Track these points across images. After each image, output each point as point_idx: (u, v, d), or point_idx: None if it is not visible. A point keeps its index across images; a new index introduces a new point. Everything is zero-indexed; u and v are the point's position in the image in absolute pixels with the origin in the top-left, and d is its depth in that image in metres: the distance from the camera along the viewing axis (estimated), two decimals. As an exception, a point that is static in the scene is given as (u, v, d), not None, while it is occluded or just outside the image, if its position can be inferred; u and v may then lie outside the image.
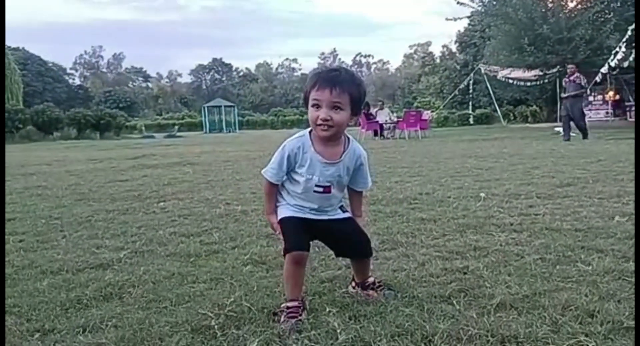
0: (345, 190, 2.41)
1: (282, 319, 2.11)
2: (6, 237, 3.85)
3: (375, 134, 19.34)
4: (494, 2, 22.74)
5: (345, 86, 2.11)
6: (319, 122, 2.12)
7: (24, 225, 4.29)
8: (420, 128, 18.54)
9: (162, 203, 5.22)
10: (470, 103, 35.18)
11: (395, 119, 19.94)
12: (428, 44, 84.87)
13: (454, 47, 55.41)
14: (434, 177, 6.68)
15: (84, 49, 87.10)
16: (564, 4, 22.26)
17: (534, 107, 37.08)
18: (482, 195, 5.04)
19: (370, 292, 2.39)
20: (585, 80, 14.59)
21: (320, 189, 2.27)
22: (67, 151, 16.22)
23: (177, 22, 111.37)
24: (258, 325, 2.09)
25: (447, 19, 24.36)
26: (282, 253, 2.25)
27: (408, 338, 1.91)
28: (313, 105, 2.13)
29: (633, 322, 1.98)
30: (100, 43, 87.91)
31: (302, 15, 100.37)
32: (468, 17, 30.27)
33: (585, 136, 13.78)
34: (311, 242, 2.31)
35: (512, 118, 36.72)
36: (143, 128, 39.37)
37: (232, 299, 2.33)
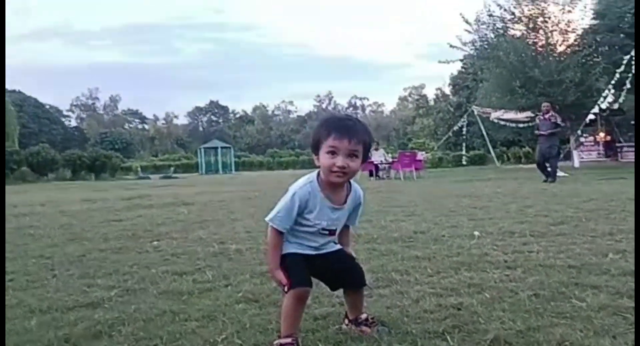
0: None
1: None
2: (-4, 276, 3.81)
3: (371, 175, 19.44)
4: (486, 46, 23.23)
5: (360, 136, 2.19)
6: (335, 169, 2.16)
7: (14, 265, 4.24)
8: (415, 169, 18.66)
9: (155, 243, 5.19)
10: (464, 144, 35.51)
11: (390, 160, 20.07)
12: (422, 86, 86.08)
13: (447, 90, 56.35)
14: (429, 216, 6.68)
15: (81, 91, 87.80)
16: (553, 47, 22.77)
17: (527, 148, 37.41)
18: (476, 233, 5.04)
19: (364, 328, 2.37)
20: (561, 119, 14.43)
21: (326, 232, 2.31)
22: (62, 192, 16.18)
23: (173, 65, 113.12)
24: (249, 362, 2.06)
25: (439, 62, 24.68)
26: (284, 290, 2.23)
27: (401, 374, 1.88)
28: (328, 152, 2.17)
29: (628, 357, 1.96)
30: (97, 85, 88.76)
31: (298, 58, 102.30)
32: (460, 60, 30.85)
33: (553, 179, 13.11)
34: None
35: (505, 159, 37.01)
36: (139, 169, 39.39)
37: (223, 336, 2.31)
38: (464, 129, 33.10)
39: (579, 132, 23.51)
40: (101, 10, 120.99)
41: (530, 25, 22.69)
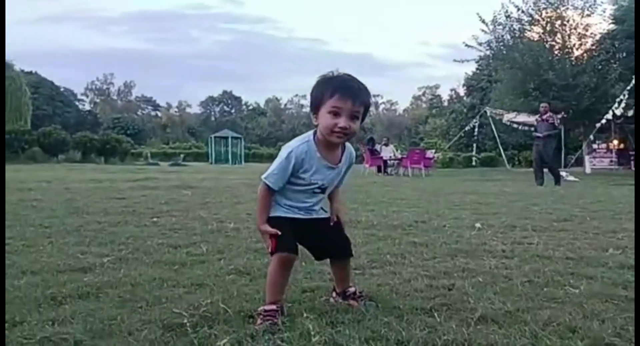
0: None
1: (258, 321, 2.08)
2: (-7, 240, 3.82)
3: (379, 170, 19.37)
4: (502, 47, 23.01)
5: (363, 98, 2.18)
6: (337, 129, 2.14)
7: (12, 232, 4.25)
8: (424, 167, 18.55)
9: (155, 219, 5.19)
10: (475, 145, 35.29)
11: (400, 156, 19.97)
12: (436, 86, 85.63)
13: (461, 91, 56.07)
14: (432, 208, 6.64)
15: (96, 75, 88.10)
16: (570, 51, 22.54)
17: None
18: (478, 225, 5.00)
19: (351, 302, 2.35)
20: (559, 120, 13.91)
21: (319, 190, 2.30)
22: (69, 172, 16.26)
23: (189, 54, 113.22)
24: (232, 325, 2.05)
25: (454, 60, 24.53)
26: (269, 252, 2.22)
27: (382, 343, 1.86)
28: (330, 112, 2.14)
29: (615, 339, 1.93)
30: (112, 71, 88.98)
31: (312, 53, 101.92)
32: (476, 61, 30.64)
33: (557, 181, 12.71)
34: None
35: (516, 162, 36.74)
36: (149, 155, 39.51)
37: (208, 301, 2.30)
38: (476, 130, 32.87)
39: (591, 137, 23.26)
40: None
41: (548, 28, 22.45)
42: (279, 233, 2.19)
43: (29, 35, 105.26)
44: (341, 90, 2.13)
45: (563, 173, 17.56)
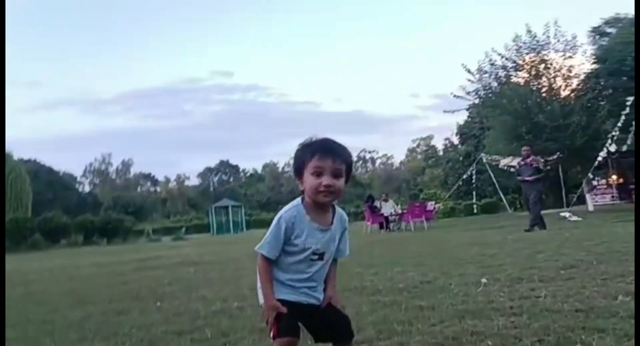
0: None
1: None
2: (-5, 343, 3.76)
3: (381, 227, 19.30)
4: (490, 94, 23.45)
5: (343, 156, 2.25)
6: (322, 188, 2.18)
7: (15, 331, 4.20)
8: (426, 219, 18.51)
9: (158, 303, 5.13)
10: (474, 193, 35.30)
11: (400, 211, 19.95)
12: (430, 137, 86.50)
13: (455, 139, 56.55)
14: (437, 265, 6.58)
15: (94, 156, 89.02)
16: (557, 93, 22.96)
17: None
18: (484, 281, 4.94)
19: None
20: (542, 163, 13.74)
21: (316, 257, 2.27)
22: (72, 258, 16.17)
23: (183, 127, 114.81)
24: None
25: (445, 112, 24.95)
26: (270, 336, 2.18)
27: None
28: (313, 173, 2.19)
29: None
30: (110, 150, 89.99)
31: (305, 115, 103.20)
32: (466, 109, 31.12)
33: (539, 225, 12.35)
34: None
35: (518, 206, 36.66)
36: (150, 232, 39.41)
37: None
38: (474, 177, 32.99)
39: (590, 175, 23.33)
40: (112, 77, 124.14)
41: (533, 72, 22.97)
42: (281, 317, 2.15)
43: (27, 123, 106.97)
44: (321, 151, 2.20)
45: (566, 214, 17.53)
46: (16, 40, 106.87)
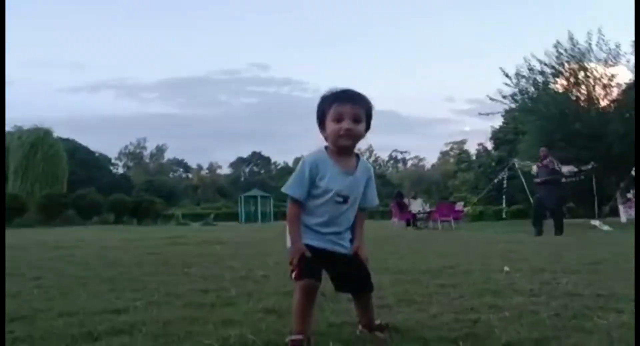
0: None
1: None
2: (30, 289, 3.97)
3: (408, 224, 19.28)
4: (526, 99, 23.15)
5: (361, 101, 2.36)
6: (343, 132, 2.28)
7: (50, 282, 4.40)
8: (454, 219, 18.42)
9: (186, 269, 5.29)
10: (504, 197, 34.86)
11: (429, 209, 19.89)
12: (463, 141, 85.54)
13: (489, 144, 55.89)
14: (462, 255, 6.61)
15: (129, 140, 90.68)
16: (596, 101, 22.54)
17: (571, 204, 36.43)
18: (506, 268, 4.96)
19: (377, 333, 2.38)
20: (560, 165, 13.02)
21: (341, 199, 2.34)
22: (103, 232, 16.60)
23: (218, 117, 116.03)
24: (260, 354, 2.10)
25: (480, 114, 24.75)
26: (292, 277, 2.29)
27: (406, 366, 1.89)
28: (334, 120, 2.30)
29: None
30: (145, 135, 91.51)
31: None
32: (501, 114, 30.81)
33: (559, 231, 11.93)
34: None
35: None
36: (180, 216, 39.99)
37: (237, 333, 2.36)
38: (505, 183, 32.59)
39: (624, 186, 22.85)
40: (149, 64, 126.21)
41: (572, 80, 22.59)
42: (305, 260, 2.26)
43: (67, 103, 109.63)
44: (340, 98, 2.32)
45: (596, 223, 17.24)
46: (61, 21, 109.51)
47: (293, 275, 2.29)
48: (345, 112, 2.29)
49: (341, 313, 2.90)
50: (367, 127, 2.37)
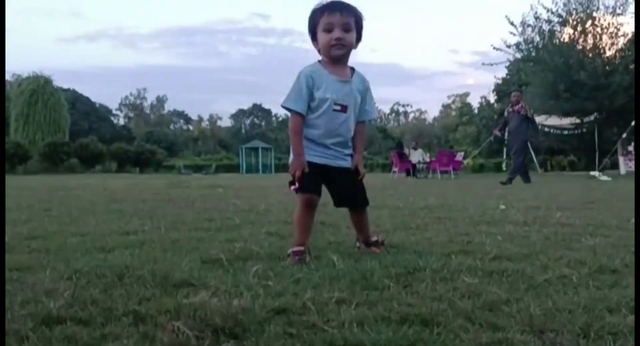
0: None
1: (287, 260, 2.26)
2: (41, 217, 4.11)
3: (408, 174, 19.41)
4: (531, 49, 22.88)
5: (350, 10, 2.37)
6: (334, 42, 2.33)
7: (60, 212, 4.54)
8: (453, 169, 18.53)
9: (191, 204, 5.43)
10: (504, 150, 34.89)
11: (429, 159, 19.99)
12: (466, 94, 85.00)
13: (491, 98, 55.57)
14: (459, 198, 6.74)
15: (130, 91, 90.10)
16: (601, 51, 22.29)
17: (572, 156, 36.57)
18: (502, 206, 5.10)
19: (373, 248, 2.51)
20: (532, 111, 12.21)
21: (338, 107, 2.40)
22: (107, 179, 16.77)
23: (219, 68, 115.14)
24: (264, 261, 2.24)
25: (483, 64, 24.50)
26: (292, 189, 2.39)
27: (400, 269, 2.02)
28: (324, 30, 2.34)
29: (621, 268, 2.05)
30: (145, 86, 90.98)
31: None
32: (505, 65, 30.49)
33: (526, 179, 11.53)
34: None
35: (549, 167, 36.26)
36: (181, 166, 40.23)
37: (242, 245, 2.49)
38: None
39: (625, 136, 22.85)
40: (148, 13, 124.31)
41: (579, 29, 22.27)
42: (306, 175, 2.35)
43: (67, 53, 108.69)
44: (329, 8, 2.34)
45: (595, 173, 17.35)
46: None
47: (292, 187, 2.39)
48: (335, 21, 2.32)
49: (339, 235, 3.04)
50: (359, 37, 2.41)
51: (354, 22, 2.37)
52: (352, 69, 2.49)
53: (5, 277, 1.91)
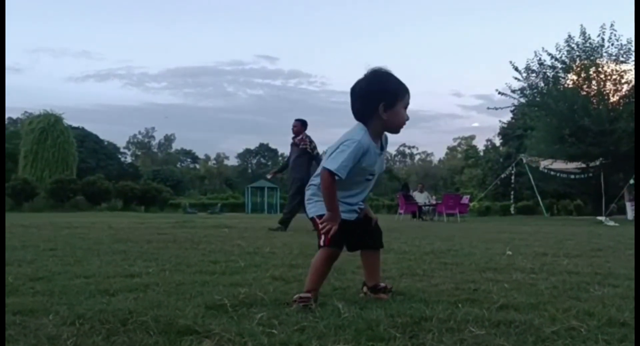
0: None
1: (293, 306, 2.24)
2: (46, 257, 4.10)
3: (414, 216, 19.34)
4: (535, 94, 23.10)
5: None
6: (405, 123, 2.45)
7: (64, 252, 4.53)
8: (460, 212, 18.46)
9: (195, 246, 5.41)
10: (512, 194, 34.84)
11: (435, 202, 19.95)
12: (472, 137, 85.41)
13: (497, 141, 55.82)
14: (465, 242, 6.69)
15: (138, 129, 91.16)
16: (605, 98, 22.48)
17: (578, 201, 36.42)
18: (509, 252, 5.06)
19: (381, 295, 2.49)
20: (314, 144, 9.72)
21: (371, 176, 2.50)
22: (112, 217, 16.77)
23: (226, 108, 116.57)
24: (269, 308, 2.22)
25: (488, 108, 24.79)
26: (320, 241, 2.40)
27: (406, 318, 2.00)
28: (404, 107, 2.45)
29: (630, 320, 2.02)
30: (153, 125, 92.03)
31: (344, 105, 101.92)
32: (510, 110, 30.71)
33: (282, 227, 9.26)
34: None
35: (555, 211, 36.08)
36: (187, 205, 40.27)
37: (247, 291, 2.48)
38: (512, 178, 32.57)
39: (632, 183, 22.79)
40: (157, 55, 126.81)
41: (583, 75, 22.52)
42: (329, 240, 2.37)
43: (77, 92, 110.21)
44: (407, 90, 2.46)
45: (602, 218, 17.27)
46: (69, 8, 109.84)
47: (321, 241, 2.39)
48: (408, 104, 2.45)
49: (344, 281, 3.02)
50: None
51: None
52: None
53: (8, 321, 1.90)
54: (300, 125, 9.88)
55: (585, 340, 1.76)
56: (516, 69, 22.51)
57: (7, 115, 69.30)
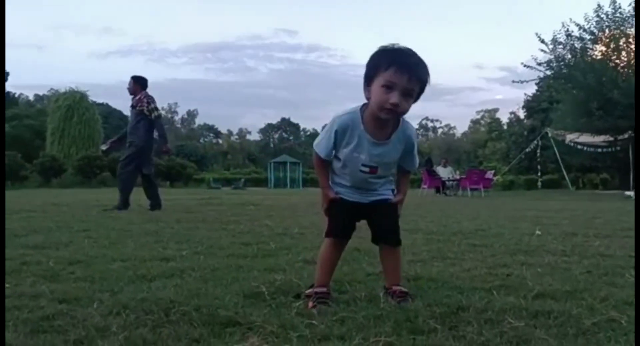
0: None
1: (310, 304, 2.07)
2: (81, 239, 4.19)
3: (437, 191, 19.28)
4: (562, 66, 22.61)
5: (421, 74, 2.05)
6: (388, 106, 2.01)
7: (98, 233, 4.63)
8: (484, 187, 18.33)
9: (224, 226, 5.48)
10: (538, 167, 34.40)
11: (459, 177, 19.83)
12: (495, 110, 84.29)
13: (521, 113, 54.98)
14: (492, 220, 6.66)
15: (161, 105, 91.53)
16: (634, 69, 21.91)
17: (605, 174, 35.88)
18: (538, 232, 5.03)
19: (390, 300, 2.17)
20: (153, 105, 8.47)
21: (367, 169, 2.18)
22: (140, 194, 16.98)
23: (247, 83, 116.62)
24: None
25: (513, 82, 24.33)
26: (324, 235, 2.33)
27: (444, 308, 2.01)
28: (384, 86, 2.00)
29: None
30: (176, 100, 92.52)
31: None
32: (535, 82, 30.15)
33: (120, 207, 7.94)
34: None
35: (581, 185, 35.62)
36: (211, 180, 40.63)
37: (283, 277, 2.51)
38: (538, 152, 32.13)
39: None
40: (178, 30, 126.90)
41: (612, 46, 21.96)
42: (330, 212, 2.27)
43: (100, 68, 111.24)
44: (398, 64, 1.99)
45: (630, 193, 16.99)
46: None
47: (325, 233, 2.31)
48: (399, 83, 1.99)
49: (377, 265, 3.02)
50: (416, 100, 2.11)
51: (418, 89, 2.07)
52: (397, 121, 2.17)
53: (55, 310, 1.95)
54: (134, 83, 8.47)
55: (627, 332, 1.76)
56: (542, 41, 22.05)
57: (33, 92, 70.23)
